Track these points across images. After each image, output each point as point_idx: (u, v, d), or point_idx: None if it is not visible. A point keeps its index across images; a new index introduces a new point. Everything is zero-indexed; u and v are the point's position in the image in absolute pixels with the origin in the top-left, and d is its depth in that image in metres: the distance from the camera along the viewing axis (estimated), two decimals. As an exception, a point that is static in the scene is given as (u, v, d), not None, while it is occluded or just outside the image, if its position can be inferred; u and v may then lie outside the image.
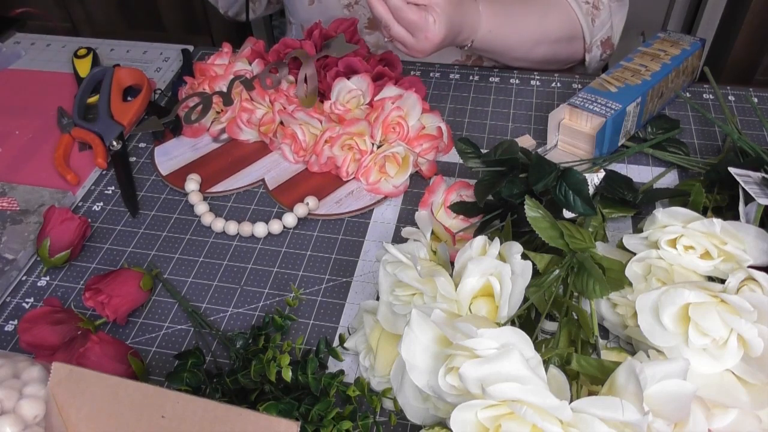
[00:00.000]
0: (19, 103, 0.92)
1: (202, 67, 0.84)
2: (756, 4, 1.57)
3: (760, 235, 0.52)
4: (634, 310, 0.52)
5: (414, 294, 0.52)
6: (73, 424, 0.43)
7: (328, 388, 0.53)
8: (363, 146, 0.74)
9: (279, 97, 0.79)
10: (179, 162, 0.79)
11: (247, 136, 0.81)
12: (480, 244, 0.52)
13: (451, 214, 0.67)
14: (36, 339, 0.57)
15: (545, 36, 0.86)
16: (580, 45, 0.89)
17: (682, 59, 0.80)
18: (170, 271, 0.68)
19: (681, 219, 0.55)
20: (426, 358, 0.45)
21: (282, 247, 0.69)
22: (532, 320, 0.54)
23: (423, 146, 0.75)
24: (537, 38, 0.85)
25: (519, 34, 0.84)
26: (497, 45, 0.84)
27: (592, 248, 0.54)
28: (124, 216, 0.74)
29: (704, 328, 0.47)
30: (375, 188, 0.74)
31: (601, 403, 0.39)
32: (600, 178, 0.65)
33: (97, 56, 0.96)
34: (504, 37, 0.83)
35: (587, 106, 0.73)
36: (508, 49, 0.85)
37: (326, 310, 0.63)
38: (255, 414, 0.41)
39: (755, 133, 0.81)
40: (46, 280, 0.68)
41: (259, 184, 0.77)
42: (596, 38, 0.88)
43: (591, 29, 0.87)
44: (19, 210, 0.73)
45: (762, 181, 0.60)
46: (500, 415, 0.40)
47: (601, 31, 0.88)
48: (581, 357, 0.46)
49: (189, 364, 0.56)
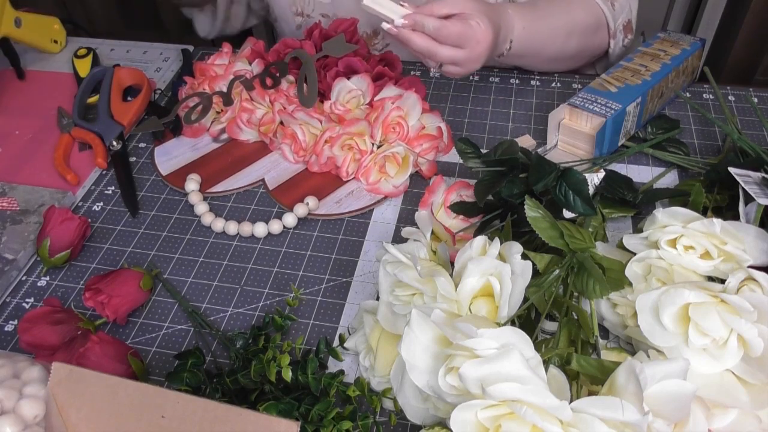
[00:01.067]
0: (19, 103, 0.92)
1: (202, 67, 0.84)
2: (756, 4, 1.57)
3: (760, 235, 0.52)
4: (634, 310, 0.52)
5: (414, 294, 0.52)
6: (73, 424, 0.43)
7: (328, 388, 0.53)
8: (363, 146, 0.74)
9: (279, 97, 0.79)
10: (179, 162, 0.79)
11: (247, 136, 0.81)
12: (480, 244, 0.52)
13: (451, 214, 0.67)
14: (36, 339, 0.57)
15: (575, 26, 0.84)
16: (605, 33, 0.87)
17: (682, 59, 0.80)
18: (170, 271, 0.68)
19: (681, 219, 0.55)
20: (426, 358, 0.45)
21: (282, 247, 0.69)
22: (532, 320, 0.54)
23: (423, 146, 0.75)
24: (568, 29, 0.84)
25: (550, 28, 0.82)
26: (534, 43, 0.82)
27: (592, 248, 0.54)
28: (124, 216, 0.74)
29: (704, 328, 0.47)
30: (375, 188, 0.74)
31: (601, 403, 0.39)
32: (600, 178, 0.65)
33: (97, 56, 0.96)
34: (537, 32, 0.81)
35: (587, 106, 0.73)
36: (543, 45, 0.83)
37: (326, 310, 0.63)
38: (255, 414, 0.41)
39: (755, 133, 0.81)
40: (46, 280, 0.68)
41: (259, 184, 0.77)
42: (618, 23, 0.87)
43: (613, 14, 0.85)
44: (19, 210, 0.73)
45: (762, 181, 0.60)
46: (500, 415, 0.40)
47: (622, 15, 0.87)
48: (581, 357, 0.46)
49: (189, 364, 0.56)
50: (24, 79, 0.96)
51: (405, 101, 0.74)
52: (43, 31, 0.98)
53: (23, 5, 0.94)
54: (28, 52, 1.00)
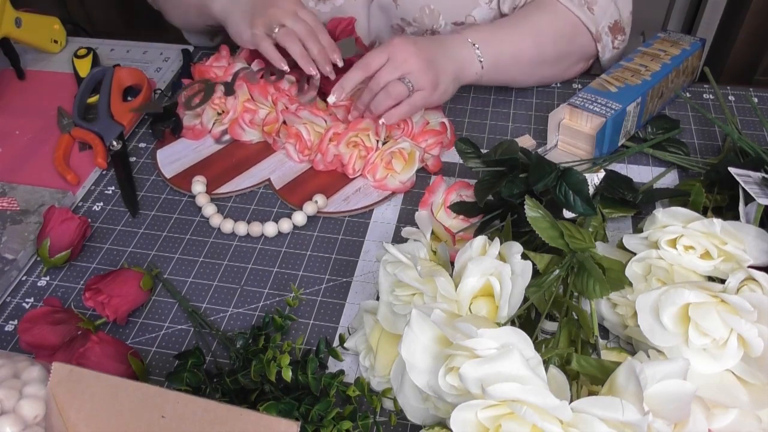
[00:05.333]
0: (19, 103, 0.92)
1: (201, 69, 0.84)
2: (756, 4, 1.57)
3: (760, 235, 0.52)
4: (634, 310, 0.52)
5: (414, 294, 0.52)
6: (73, 424, 0.43)
7: (328, 388, 0.53)
8: (368, 143, 0.74)
9: (281, 96, 0.79)
10: (183, 164, 0.79)
11: (250, 136, 0.81)
12: (480, 244, 0.52)
13: (451, 214, 0.67)
14: (36, 339, 0.57)
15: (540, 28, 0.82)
16: (587, 37, 0.86)
17: (682, 59, 0.80)
18: (170, 271, 0.68)
19: (681, 219, 0.55)
20: (426, 358, 0.45)
21: (282, 247, 0.69)
22: (532, 320, 0.54)
23: (428, 141, 0.75)
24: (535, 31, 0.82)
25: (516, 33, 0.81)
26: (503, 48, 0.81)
27: (592, 248, 0.54)
28: (124, 216, 0.74)
29: (704, 328, 0.47)
30: (382, 184, 0.74)
31: (601, 403, 0.39)
32: (600, 178, 0.65)
33: (97, 56, 0.96)
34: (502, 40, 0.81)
35: (587, 106, 0.73)
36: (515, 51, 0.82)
37: (326, 310, 0.63)
38: (255, 414, 0.41)
39: (755, 133, 0.81)
40: (46, 280, 0.68)
41: (264, 184, 0.77)
42: (602, 25, 0.86)
43: (592, 18, 0.84)
44: (19, 210, 0.73)
45: (762, 181, 0.60)
46: (500, 415, 0.40)
47: (605, 17, 0.86)
48: (581, 357, 0.46)
49: (189, 364, 0.56)
50: (24, 79, 0.96)
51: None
52: (43, 31, 0.98)
53: (23, 5, 0.94)
54: (28, 52, 1.00)
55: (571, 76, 0.91)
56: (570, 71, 0.90)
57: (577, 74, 0.91)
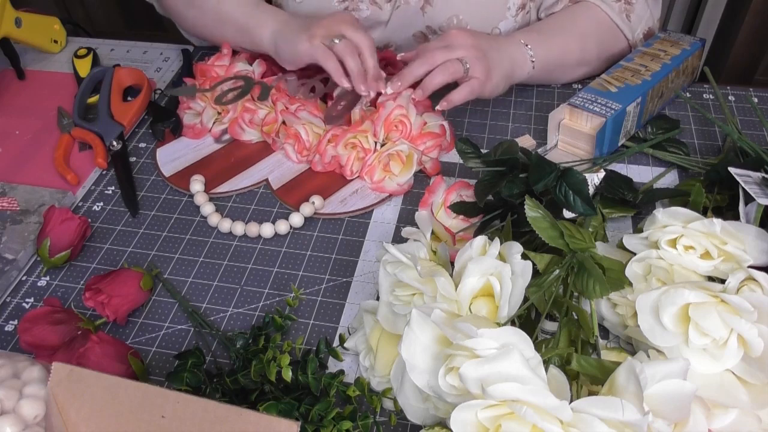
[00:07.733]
0: (19, 103, 0.92)
1: (203, 68, 0.84)
2: (756, 4, 1.57)
3: (760, 235, 0.52)
4: (634, 310, 0.52)
5: (414, 294, 0.52)
6: (73, 424, 0.43)
7: (328, 388, 0.53)
8: (366, 145, 0.74)
9: (281, 96, 0.79)
10: (182, 163, 0.79)
11: (250, 136, 0.81)
12: (480, 244, 0.52)
13: (451, 214, 0.67)
14: (36, 339, 0.57)
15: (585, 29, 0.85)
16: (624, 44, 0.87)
17: (682, 59, 0.80)
18: (170, 271, 0.68)
19: (681, 219, 0.55)
20: (426, 358, 0.45)
21: (282, 247, 0.69)
22: (532, 320, 0.54)
23: (426, 144, 0.75)
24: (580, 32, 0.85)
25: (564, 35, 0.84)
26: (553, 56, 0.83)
27: (592, 248, 0.54)
28: (124, 216, 0.74)
29: (704, 328, 0.47)
30: (379, 187, 0.74)
31: (601, 403, 0.39)
32: (600, 178, 0.65)
33: (97, 56, 0.96)
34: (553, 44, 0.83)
35: (587, 106, 0.73)
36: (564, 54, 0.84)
37: (326, 310, 0.63)
38: (255, 414, 0.41)
39: (755, 133, 0.81)
40: (46, 280, 0.68)
41: (263, 184, 0.77)
42: (638, 32, 0.87)
43: (629, 25, 0.85)
44: (19, 210, 0.73)
45: (762, 181, 0.60)
46: (500, 415, 0.40)
47: (641, 24, 0.87)
48: (581, 357, 0.46)
49: (189, 364, 0.56)
50: (24, 79, 0.96)
51: (401, 98, 0.74)
52: (43, 31, 0.98)
53: (23, 5, 0.94)
54: (28, 52, 1.00)
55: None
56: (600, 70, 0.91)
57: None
